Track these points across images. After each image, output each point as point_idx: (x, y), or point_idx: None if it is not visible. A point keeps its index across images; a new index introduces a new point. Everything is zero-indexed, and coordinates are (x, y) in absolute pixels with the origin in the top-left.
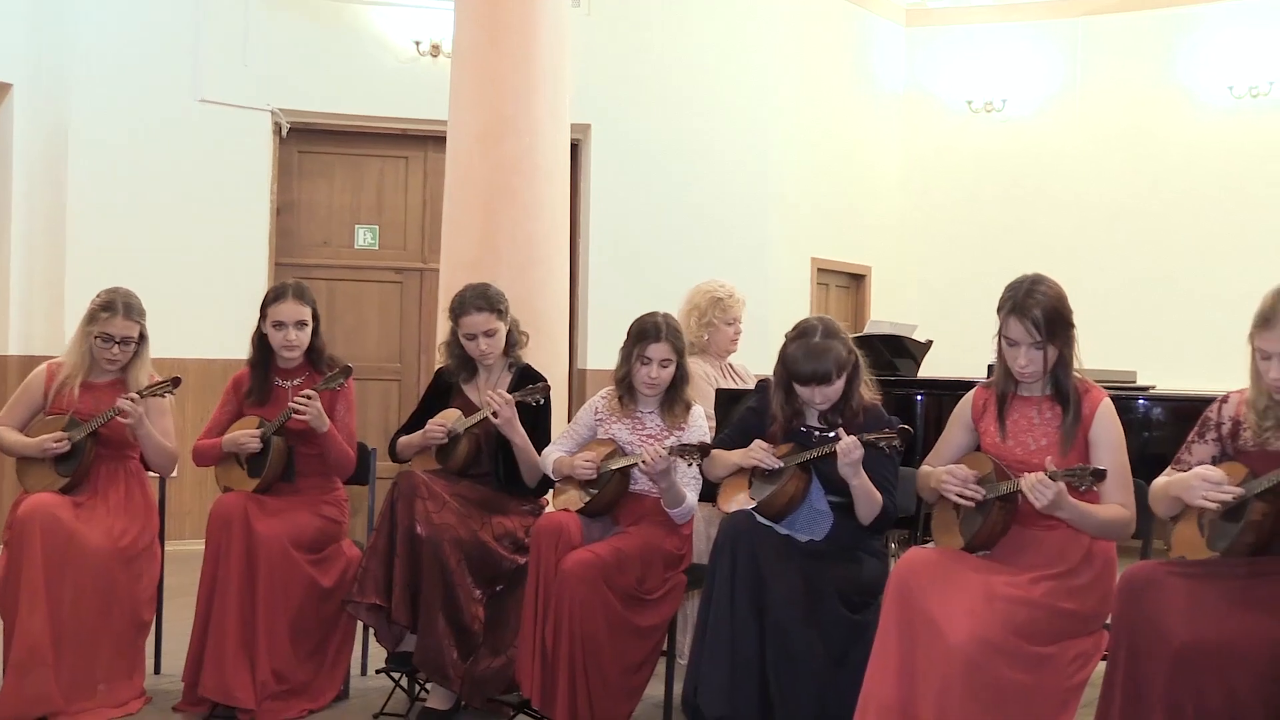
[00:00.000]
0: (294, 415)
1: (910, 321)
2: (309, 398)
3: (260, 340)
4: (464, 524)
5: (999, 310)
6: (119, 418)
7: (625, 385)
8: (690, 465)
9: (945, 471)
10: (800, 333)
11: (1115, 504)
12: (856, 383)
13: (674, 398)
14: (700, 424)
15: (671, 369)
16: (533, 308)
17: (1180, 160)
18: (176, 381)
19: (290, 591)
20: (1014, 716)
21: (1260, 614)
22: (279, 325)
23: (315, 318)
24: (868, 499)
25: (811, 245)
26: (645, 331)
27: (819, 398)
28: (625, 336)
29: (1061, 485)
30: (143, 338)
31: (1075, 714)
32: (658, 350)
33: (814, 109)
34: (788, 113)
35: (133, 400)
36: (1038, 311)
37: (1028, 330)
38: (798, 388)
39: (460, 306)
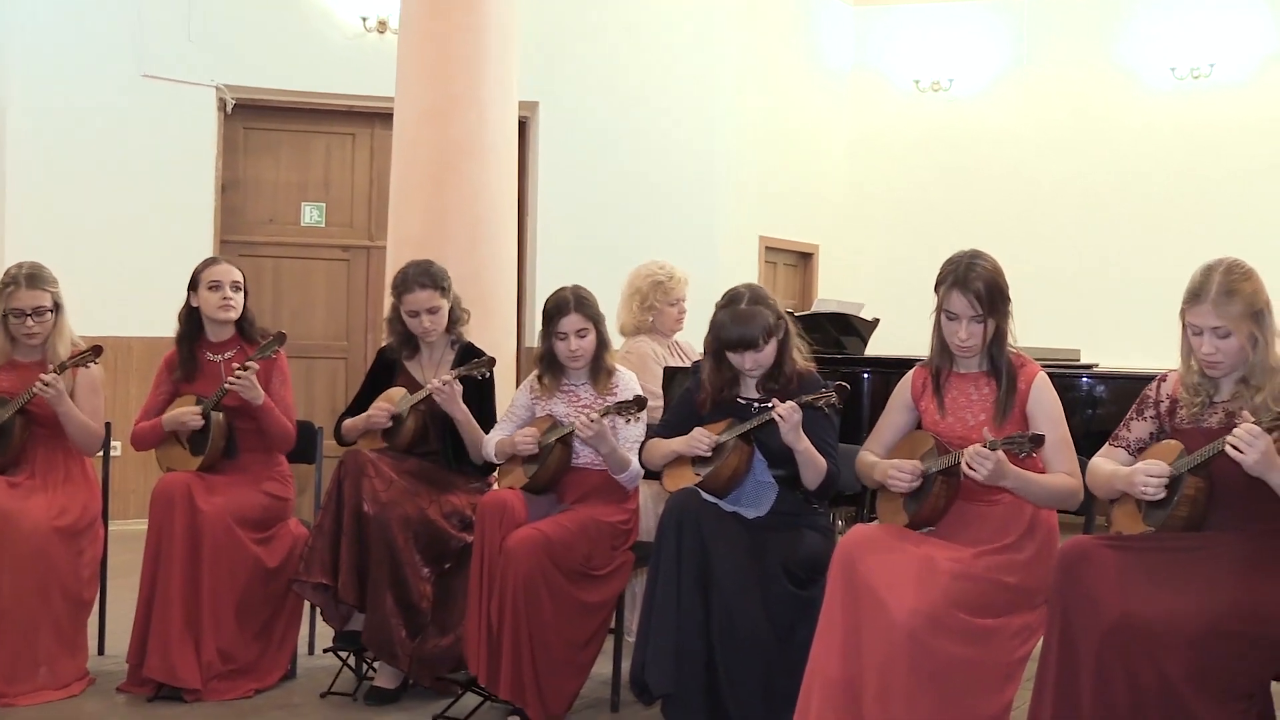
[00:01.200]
0: (230, 389)
1: (857, 300)
2: (246, 369)
3: (188, 315)
4: (412, 502)
5: (939, 285)
6: (41, 393)
7: (547, 364)
8: (629, 422)
9: (892, 467)
10: (728, 300)
11: (1061, 473)
12: (788, 349)
13: (599, 364)
14: (630, 384)
15: (591, 337)
16: (480, 286)
17: (1124, 141)
18: (98, 350)
19: (236, 571)
20: (958, 690)
21: (1190, 589)
22: (215, 286)
23: (247, 289)
24: (812, 464)
25: (759, 224)
26: (555, 308)
27: (749, 363)
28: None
29: (1001, 454)
30: (57, 307)
31: (1019, 687)
32: (570, 323)
33: (762, 88)
34: (736, 92)
35: (52, 375)
36: (979, 284)
37: (970, 303)
38: (729, 355)
39: (403, 283)
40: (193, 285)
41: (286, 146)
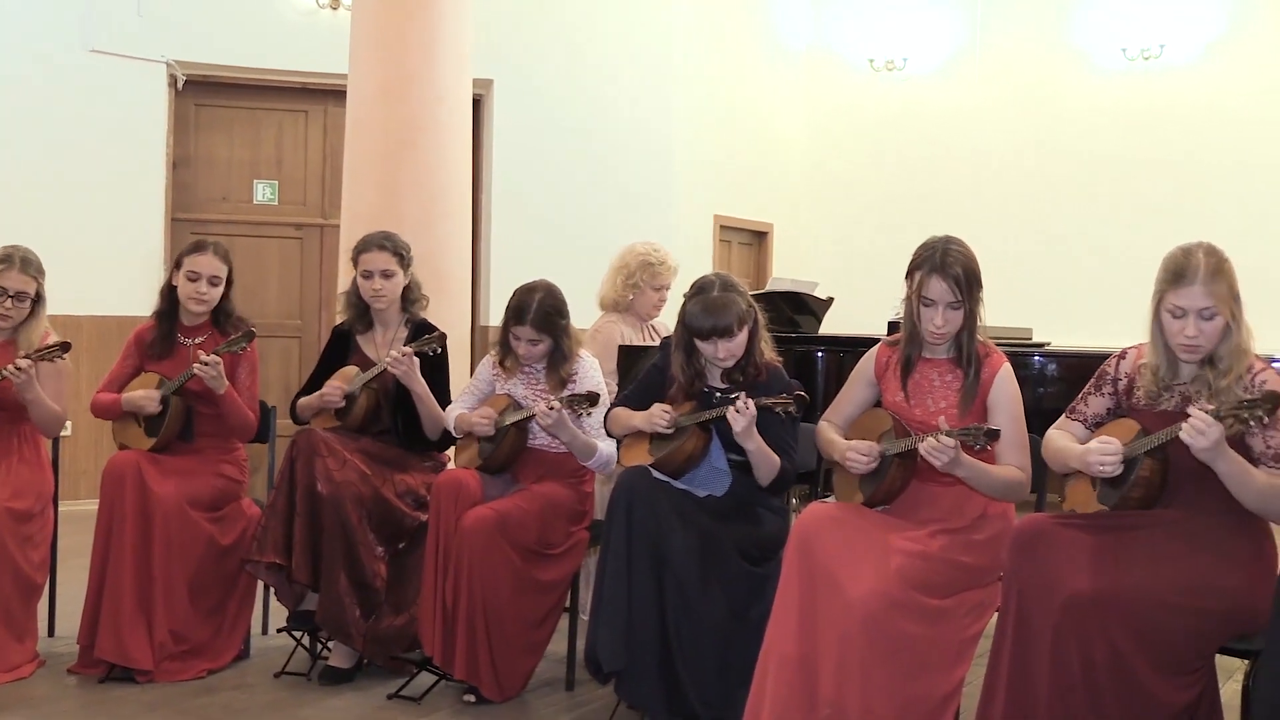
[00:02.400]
0: (194, 375)
1: (812, 279)
2: (213, 361)
3: (169, 292)
4: (365, 481)
5: (914, 270)
6: (9, 379)
7: (505, 350)
8: (581, 416)
9: (850, 448)
10: (698, 289)
11: (1011, 465)
12: (757, 339)
13: (556, 366)
14: (590, 374)
15: (543, 346)
16: (435, 265)
17: (1075, 120)
18: (66, 346)
19: (188, 550)
20: (912, 668)
21: (1140, 566)
22: (194, 276)
23: (229, 281)
24: (765, 462)
25: (714, 202)
26: (515, 311)
27: (722, 352)
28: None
29: (957, 444)
30: (39, 298)
31: (971, 664)
32: (523, 332)
33: (718, 67)
34: (692, 71)
35: (27, 361)
36: (958, 269)
37: (950, 288)
38: (699, 344)
39: (363, 244)
40: (176, 264)
41: (239, 123)
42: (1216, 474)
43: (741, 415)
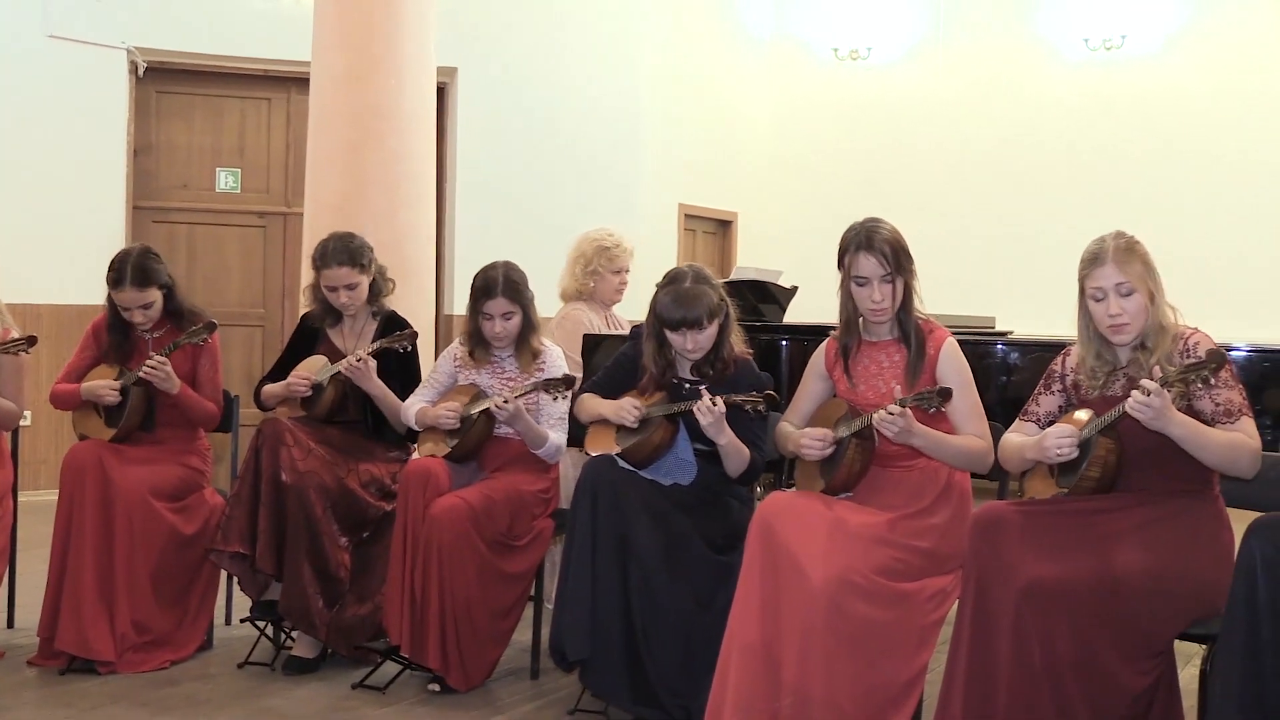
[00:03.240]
0: (144, 377)
1: (776, 268)
2: (159, 364)
3: (112, 305)
4: (330, 471)
5: (843, 255)
6: None
7: (475, 339)
8: (556, 400)
9: (803, 436)
10: (670, 280)
11: (970, 434)
12: (728, 332)
13: (524, 345)
14: (557, 361)
15: (516, 319)
16: (400, 253)
17: (1038, 110)
18: (32, 340)
19: (150, 540)
20: (875, 654)
21: (1099, 550)
22: (125, 309)
23: (167, 286)
24: (736, 454)
25: (679, 191)
26: (482, 288)
27: (690, 344)
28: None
29: (909, 412)
30: None
31: (933, 650)
32: (496, 306)
33: (683, 55)
34: (657, 60)
35: None
36: (884, 244)
37: (879, 262)
38: (670, 335)
39: (322, 259)
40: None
41: (200, 111)
42: (1175, 445)
43: (707, 414)
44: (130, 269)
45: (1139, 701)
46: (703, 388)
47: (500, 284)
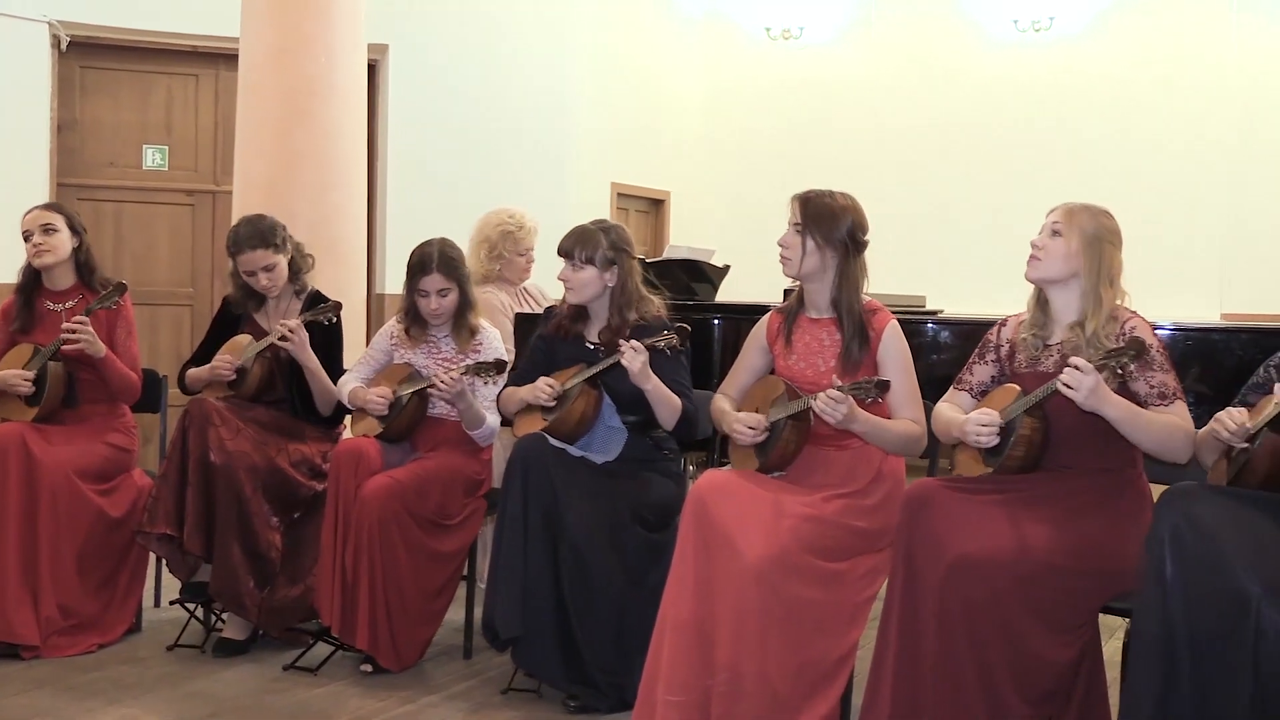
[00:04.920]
0: (66, 342)
1: (708, 246)
2: (81, 322)
3: (27, 264)
4: (259, 451)
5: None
6: None
7: (411, 317)
8: (487, 384)
9: (736, 421)
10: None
11: (907, 420)
12: (628, 292)
13: (462, 322)
14: (494, 343)
15: (452, 296)
16: (331, 232)
17: (968, 91)
18: None
19: (76, 522)
20: (807, 631)
21: (1024, 527)
22: (27, 235)
23: (78, 230)
24: (665, 402)
25: (611, 169)
26: (418, 264)
27: (566, 275)
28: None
29: (851, 399)
30: None
31: (864, 627)
32: (431, 282)
33: (615, 33)
34: (589, 38)
35: None
36: (809, 201)
37: (794, 210)
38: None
39: (235, 245)
40: (24, 237)
41: (126, 87)
42: (1100, 424)
43: (632, 355)
44: (41, 204)
45: (1064, 674)
46: (620, 340)
47: (435, 259)
